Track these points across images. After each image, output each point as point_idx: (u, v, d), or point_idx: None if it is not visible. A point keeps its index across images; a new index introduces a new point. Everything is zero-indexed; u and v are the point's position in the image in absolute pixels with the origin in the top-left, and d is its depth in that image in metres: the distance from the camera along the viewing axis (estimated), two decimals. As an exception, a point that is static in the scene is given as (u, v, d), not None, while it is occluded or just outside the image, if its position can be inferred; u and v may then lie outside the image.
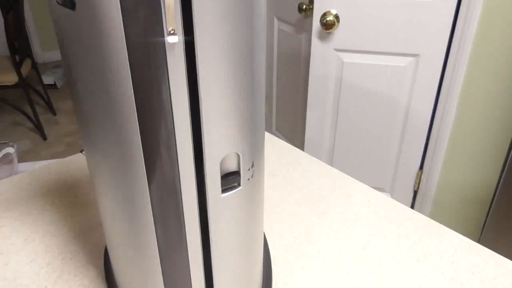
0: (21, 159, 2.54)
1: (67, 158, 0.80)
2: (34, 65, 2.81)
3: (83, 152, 0.75)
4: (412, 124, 1.62)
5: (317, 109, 1.74)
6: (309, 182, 0.72)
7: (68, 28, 0.28)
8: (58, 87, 3.52)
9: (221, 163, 0.31)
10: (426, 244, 0.58)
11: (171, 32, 0.25)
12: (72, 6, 0.25)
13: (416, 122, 1.62)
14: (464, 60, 1.46)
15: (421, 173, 1.73)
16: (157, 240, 0.33)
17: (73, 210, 0.66)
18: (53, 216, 0.64)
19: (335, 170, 0.76)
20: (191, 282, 0.35)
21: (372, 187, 0.71)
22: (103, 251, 0.56)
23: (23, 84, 2.51)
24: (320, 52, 1.62)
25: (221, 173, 0.31)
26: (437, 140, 1.63)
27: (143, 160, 0.29)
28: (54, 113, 3.08)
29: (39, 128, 2.74)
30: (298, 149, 0.83)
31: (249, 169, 0.33)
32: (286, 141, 2.19)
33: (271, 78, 2.14)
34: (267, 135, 0.88)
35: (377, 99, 1.62)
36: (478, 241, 1.59)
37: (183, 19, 0.25)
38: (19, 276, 0.53)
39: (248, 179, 0.34)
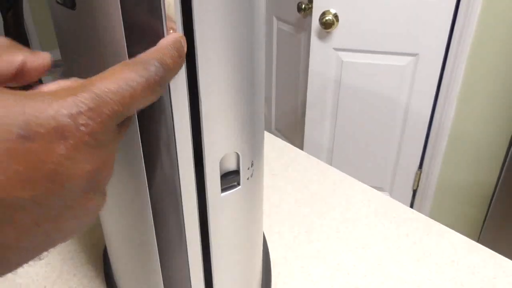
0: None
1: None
2: (34, 65, 2.81)
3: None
4: (411, 123, 1.62)
5: (316, 108, 1.74)
6: (309, 181, 0.72)
7: (68, 27, 0.28)
8: (58, 86, 3.51)
9: (221, 162, 0.31)
10: (426, 244, 0.58)
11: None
12: (72, 6, 0.25)
13: (415, 122, 1.62)
14: (463, 59, 1.46)
15: (420, 173, 1.73)
16: (156, 239, 0.33)
17: (73, 209, 0.65)
18: (52, 215, 0.64)
19: (334, 170, 0.76)
20: (190, 281, 0.35)
21: (372, 187, 0.72)
22: (102, 251, 0.56)
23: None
24: (320, 52, 1.62)
25: (220, 173, 0.31)
26: (436, 140, 1.63)
27: (143, 159, 0.29)
28: (53, 113, 3.07)
29: (38, 128, 2.74)
30: (297, 149, 0.83)
31: (248, 169, 0.33)
32: (286, 141, 2.19)
33: (270, 77, 2.14)
34: (267, 134, 0.88)
35: (377, 98, 1.62)
36: (478, 241, 1.60)
37: (183, 19, 0.25)
38: (18, 276, 0.53)
39: (248, 179, 0.34)
